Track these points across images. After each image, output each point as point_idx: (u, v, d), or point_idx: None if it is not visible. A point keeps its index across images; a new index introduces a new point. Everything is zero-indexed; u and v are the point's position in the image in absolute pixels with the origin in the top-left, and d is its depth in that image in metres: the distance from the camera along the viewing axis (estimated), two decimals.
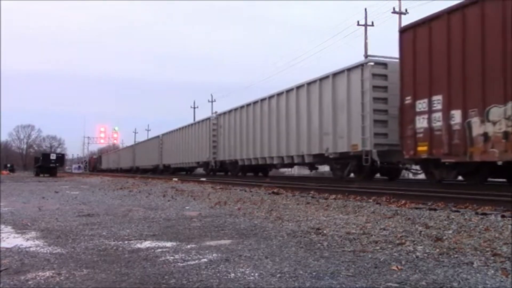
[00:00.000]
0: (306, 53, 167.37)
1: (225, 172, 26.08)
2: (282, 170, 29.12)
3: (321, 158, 15.40)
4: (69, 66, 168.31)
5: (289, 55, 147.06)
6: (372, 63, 12.75)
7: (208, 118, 25.75)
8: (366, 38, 31.24)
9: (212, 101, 58.41)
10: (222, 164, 23.86)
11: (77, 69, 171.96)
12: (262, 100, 19.03)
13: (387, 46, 30.47)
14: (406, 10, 30.37)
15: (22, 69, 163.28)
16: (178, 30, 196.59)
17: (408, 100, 10.94)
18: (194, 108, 61.72)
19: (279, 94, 17.58)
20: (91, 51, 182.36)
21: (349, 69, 13.33)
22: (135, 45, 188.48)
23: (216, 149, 24.24)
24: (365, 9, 39.44)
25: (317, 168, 19.97)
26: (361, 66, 12.92)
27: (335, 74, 14.09)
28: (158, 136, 38.19)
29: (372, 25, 31.77)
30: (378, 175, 15.17)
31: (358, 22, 31.83)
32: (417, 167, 13.24)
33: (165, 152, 35.16)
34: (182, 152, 30.50)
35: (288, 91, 16.84)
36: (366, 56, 28.83)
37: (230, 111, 22.62)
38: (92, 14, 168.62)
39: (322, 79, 14.76)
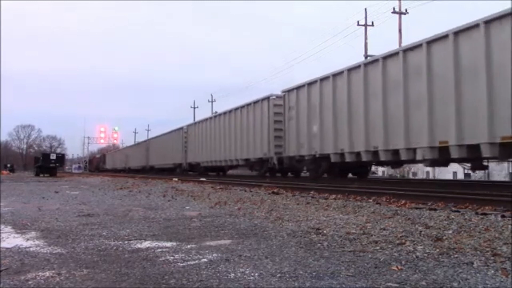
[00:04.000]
0: (306, 53, 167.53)
1: (284, 173, 19.75)
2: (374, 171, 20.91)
3: None
4: (69, 66, 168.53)
5: (289, 55, 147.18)
6: None
7: (267, 98, 18.07)
8: (366, 38, 31.26)
9: (212, 101, 58.46)
10: (291, 160, 16.60)
11: (77, 69, 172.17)
12: (404, 51, 10.83)
13: (388, 46, 30.47)
14: (406, 10, 30.39)
15: (22, 69, 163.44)
16: (178, 30, 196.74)
17: None
18: (194, 108, 61.79)
19: (443, 38, 9.67)
20: (91, 51, 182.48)
21: None
22: (135, 45, 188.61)
23: (283, 140, 16.83)
24: (365, 9, 39.36)
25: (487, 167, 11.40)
26: None
27: None
28: (181, 128, 30.57)
29: (372, 25, 31.81)
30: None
31: (358, 22, 31.86)
32: None
33: (192, 147, 27.88)
34: (218, 146, 23.10)
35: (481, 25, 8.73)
36: (366, 56, 28.85)
37: (311, 83, 14.87)
38: (92, 14, 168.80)
39: None
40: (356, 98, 12.68)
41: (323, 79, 14.33)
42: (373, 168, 30.74)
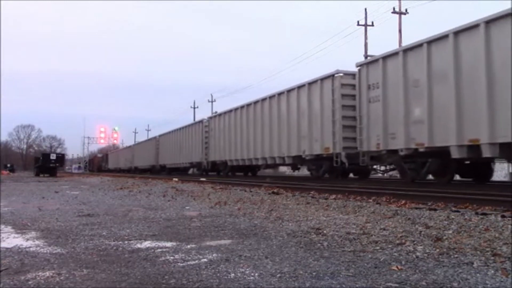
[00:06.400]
0: (306, 53, 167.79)
1: (346, 173, 16.05)
2: None
3: None
4: (69, 67, 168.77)
5: (289, 55, 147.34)
6: None
7: (331, 76, 14.12)
8: (366, 38, 31.25)
9: (212, 101, 58.41)
10: (370, 156, 12.52)
11: (78, 69, 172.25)
12: None
13: (388, 46, 30.45)
14: (406, 10, 30.39)
15: (22, 69, 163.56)
16: (178, 30, 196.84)
17: None
18: (194, 108, 61.74)
19: None
20: (91, 51, 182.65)
21: None
22: (135, 45, 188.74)
23: (358, 130, 12.77)
24: (365, 9, 39.35)
25: None
26: None
27: None
28: (201, 121, 26.61)
29: (372, 25, 31.80)
30: None
31: (358, 22, 31.85)
32: None
33: (215, 143, 23.66)
34: (253, 141, 18.77)
35: None
36: (366, 56, 28.84)
37: (409, 49, 11.07)
38: (92, 15, 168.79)
39: None
40: (504, 62, 8.63)
41: (433, 41, 10.21)
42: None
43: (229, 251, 3.31)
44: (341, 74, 13.92)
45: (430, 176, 12.48)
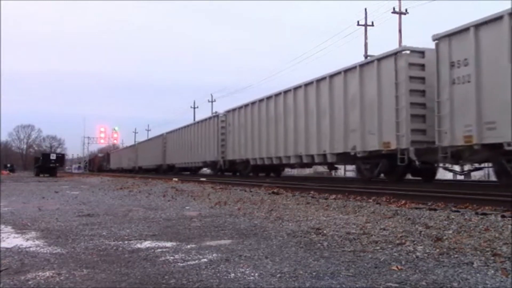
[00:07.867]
0: (306, 53, 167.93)
1: (401, 174, 12.68)
2: None
3: None
4: (69, 67, 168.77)
5: (289, 55, 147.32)
6: None
7: (393, 54, 11.63)
8: (366, 38, 31.24)
9: (212, 101, 58.38)
10: (450, 153, 9.96)
11: (77, 69, 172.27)
12: None
13: (388, 46, 30.40)
14: (406, 10, 30.38)
15: (22, 69, 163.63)
16: (178, 30, 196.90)
17: None
18: (194, 108, 61.72)
19: None
20: (91, 51, 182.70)
21: None
22: (135, 45, 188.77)
23: (434, 120, 10.25)
24: (365, 9, 39.32)
25: None
26: None
27: None
28: (216, 116, 24.30)
29: (372, 25, 31.79)
30: None
31: (358, 22, 31.83)
32: None
33: (234, 140, 21.31)
34: (283, 137, 16.55)
35: None
36: (366, 56, 28.83)
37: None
38: (92, 15, 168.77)
39: None
40: None
41: None
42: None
43: (229, 251, 3.31)
44: (408, 52, 11.29)
45: None
